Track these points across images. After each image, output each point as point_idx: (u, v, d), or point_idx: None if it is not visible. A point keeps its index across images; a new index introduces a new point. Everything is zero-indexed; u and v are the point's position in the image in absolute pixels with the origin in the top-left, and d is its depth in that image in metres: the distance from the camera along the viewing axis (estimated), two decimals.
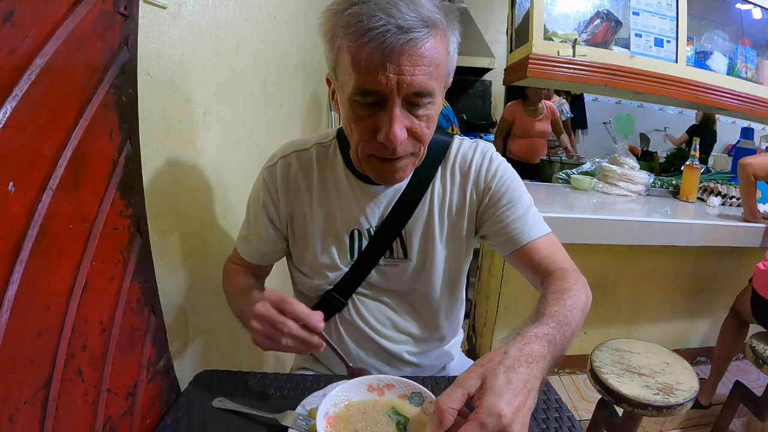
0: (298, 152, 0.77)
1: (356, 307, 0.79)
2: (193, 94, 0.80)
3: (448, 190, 0.75)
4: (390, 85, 0.56)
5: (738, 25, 2.12)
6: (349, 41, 0.56)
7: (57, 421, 0.47)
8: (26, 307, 0.42)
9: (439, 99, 0.64)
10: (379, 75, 0.55)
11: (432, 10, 0.56)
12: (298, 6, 1.49)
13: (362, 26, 0.54)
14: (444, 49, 0.59)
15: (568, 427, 0.63)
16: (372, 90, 0.57)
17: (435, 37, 0.57)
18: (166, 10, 0.70)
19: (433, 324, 0.82)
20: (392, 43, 0.53)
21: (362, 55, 0.55)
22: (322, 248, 0.76)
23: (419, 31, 0.54)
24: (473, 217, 0.76)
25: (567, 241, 1.51)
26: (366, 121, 0.61)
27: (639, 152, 3.24)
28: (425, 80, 0.57)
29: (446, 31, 0.59)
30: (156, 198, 0.69)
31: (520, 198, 0.75)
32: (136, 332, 0.63)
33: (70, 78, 0.48)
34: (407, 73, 0.56)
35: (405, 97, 0.58)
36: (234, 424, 0.60)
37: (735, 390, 1.55)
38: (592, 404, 1.34)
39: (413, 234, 0.75)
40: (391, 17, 0.53)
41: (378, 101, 0.59)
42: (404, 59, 0.55)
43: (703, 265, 1.97)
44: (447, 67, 0.62)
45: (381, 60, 0.54)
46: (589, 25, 1.89)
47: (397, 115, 0.58)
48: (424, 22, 0.55)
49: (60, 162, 0.46)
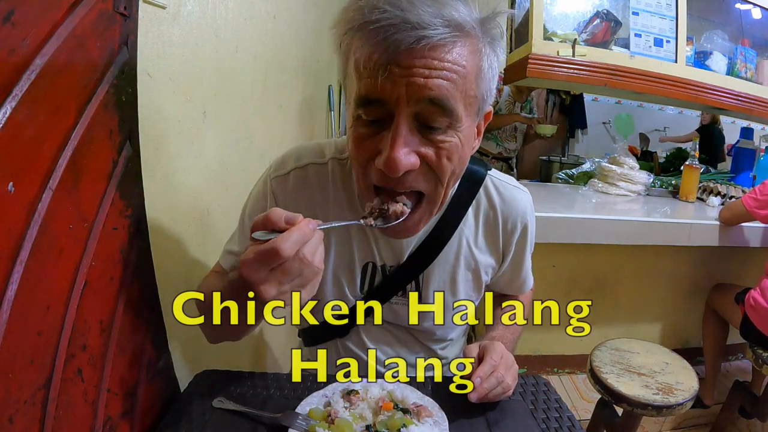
0: (315, 165, 0.67)
1: (359, 336, 0.76)
2: (193, 94, 0.80)
3: (480, 236, 0.70)
4: (396, 91, 0.46)
5: (738, 25, 2.12)
6: (351, 39, 0.48)
7: (57, 421, 0.46)
8: (26, 307, 0.42)
9: (468, 126, 0.51)
10: (381, 78, 0.45)
11: (463, 11, 0.46)
12: (298, 6, 1.49)
13: (362, 20, 0.45)
14: (475, 63, 0.48)
15: (568, 427, 0.63)
16: (374, 98, 0.47)
17: (462, 45, 0.46)
18: (166, 10, 0.69)
19: (443, 355, 0.81)
20: (397, 39, 0.44)
21: (363, 54, 0.46)
22: (332, 279, 0.70)
23: (437, 29, 0.44)
24: (496, 269, 0.75)
25: (567, 241, 1.54)
26: (366, 140, 0.50)
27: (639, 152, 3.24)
28: (444, 86, 0.46)
29: (479, 42, 0.48)
30: (156, 198, 0.69)
31: (527, 259, 0.77)
32: (136, 332, 0.63)
33: (70, 78, 0.48)
34: (419, 75, 0.45)
35: (417, 112, 0.47)
36: (234, 424, 0.60)
37: (735, 390, 1.55)
38: (592, 404, 1.34)
39: (431, 280, 0.70)
40: (397, 9, 0.44)
41: (384, 117, 0.48)
42: (415, 60, 0.45)
43: (703, 265, 1.97)
44: (479, 87, 0.49)
45: (384, 59, 0.45)
46: (589, 25, 1.89)
47: (403, 134, 0.47)
48: (446, 21, 0.45)
49: (60, 162, 0.46)
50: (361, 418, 0.59)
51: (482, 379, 0.60)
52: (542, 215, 1.42)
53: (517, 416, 0.65)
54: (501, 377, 0.61)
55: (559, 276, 1.86)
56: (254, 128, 1.15)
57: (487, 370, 0.61)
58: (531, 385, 0.73)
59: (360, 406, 0.61)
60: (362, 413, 0.60)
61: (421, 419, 0.58)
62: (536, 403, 0.68)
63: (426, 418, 0.59)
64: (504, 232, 0.71)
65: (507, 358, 0.64)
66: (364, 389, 0.64)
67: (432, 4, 0.45)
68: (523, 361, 1.93)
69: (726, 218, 1.61)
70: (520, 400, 0.68)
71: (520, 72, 1.87)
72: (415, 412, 0.60)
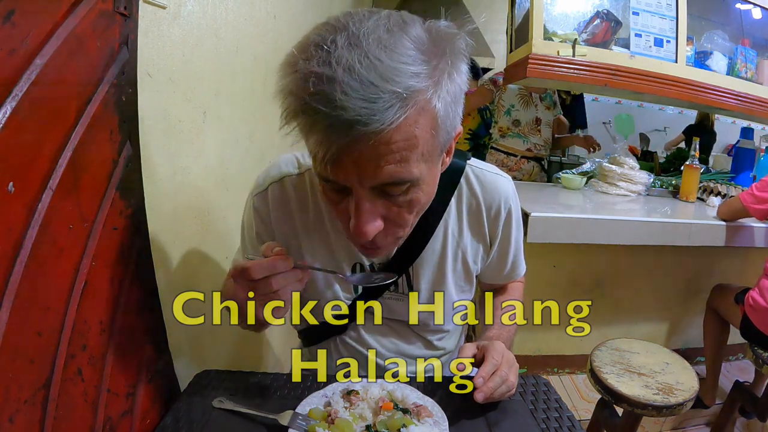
0: (291, 176, 0.69)
1: (358, 332, 0.77)
2: (193, 94, 0.80)
3: (464, 226, 0.71)
4: (349, 178, 0.45)
5: (738, 25, 2.12)
6: (294, 118, 0.44)
7: (57, 421, 0.47)
8: (26, 307, 0.43)
9: (431, 173, 0.50)
10: (331, 168, 0.45)
11: (407, 70, 0.41)
12: (298, 6, 1.49)
13: (301, 108, 0.42)
14: (429, 119, 0.44)
15: (568, 427, 0.63)
16: (331, 179, 0.47)
17: (412, 112, 0.42)
18: (166, 10, 0.69)
19: (440, 346, 0.81)
20: (339, 136, 0.41)
21: (309, 141, 0.45)
22: (325, 283, 0.72)
23: (378, 116, 0.40)
24: (484, 258, 0.75)
25: (567, 241, 1.54)
26: (337, 205, 0.51)
27: (639, 152, 3.24)
28: (397, 170, 0.44)
29: (434, 89, 0.43)
30: (156, 198, 0.69)
31: (515, 244, 0.77)
32: (136, 332, 0.63)
33: (70, 78, 0.48)
34: (369, 164, 0.43)
35: (374, 186, 0.47)
36: (234, 424, 0.60)
37: (735, 390, 1.55)
38: (592, 404, 1.34)
39: (421, 272, 0.72)
40: (331, 107, 0.40)
41: (346, 187, 0.48)
42: (363, 150, 0.42)
43: (703, 265, 1.97)
44: (437, 137, 0.47)
45: (331, 154, 0.43)
46: (589, 25, 1.89)
47: (365, 209, 0.47)
48: (387, 103, 0.40)
49: (60, 162, 0.47)
50: (361, 418, 0.59)
51: (485, 379, 0.60)
52: (542, 215, 1.42)
53: (517, 416, 0.65)
54: (505, 375, 0.61)
55: (559, 276, 1.86)
56: (254, 128, 1.15)
57: (489, 369, 0.61)
58: (531, 385, 0.73)
59: (360, 406, 0.61)
60: (362, 413, 0.60)
61: (421, 419, 0.58)
62: (536, 403, 0.68)
63: (426, 418, 0.59)
64: (488, 218, 0.72)
65: (508, 356, 0.64)
66: (364, 389, 0.64)
67: (370, 84, 0.40)
68: (523, 361, 1.93)
69: (723, 213, 1.61)
70: (520, 400, 0.68)
71: (520, 72, 1.87)
72: (415, 412, 0.60)
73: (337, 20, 0.44)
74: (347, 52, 0.40)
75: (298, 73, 0.42)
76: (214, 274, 0.89)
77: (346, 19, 0.43)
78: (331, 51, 0.41)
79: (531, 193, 1.89)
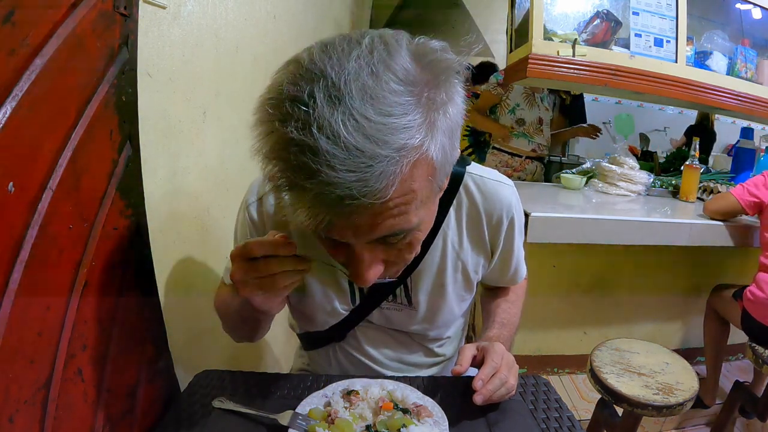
0: None
1: (357, 340, 0.77)
2: (193, 94, 0.80)
3: (464, 235, 0.69)
4: (345, 236, 0.43)
5: (738, 25, 2.12)
6: (280, 183, 0.42)
7: (57, 421, 0.47)
8: (26, 307, 0.43)
9: (430, 213, 0.48)
10: (324, 232, 0.43)
11: (398, 125, 0.37)
12: (298, 6, 1.49)
13: (282, 188, 0.40)
14: (426, 170, 0.41)
15: (568, 427, 0.63)
16: (328, 236, 0.44)
17: (407, 168, 0.38)
18: (166, 10, 0.70)
19: (440, 352, 0.81)
20: (328, 213, 0.39)
21: (297, 214, 0.41)
22: (322, 294, 0.71)
23: (370, 187, 0.37)
24: (485, 266, 0.74)
25: (567, 241, 1.54)
26: (332, 249, 0.49)
27: (639, 152, 3.24)
28: (395, 223, 0.42)
29: (429, 137, 0.39)
30: (156, 198, 0.69)
31: (517, 250, 0.76)
32: (136, 332, 0.63)
33: (70, 78, 0.48)
34: (365, 228, 0.41)
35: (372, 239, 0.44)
36: (234, 424, 0.60)
37: (735, 390, 1.55)
38: (592, 404, 1.34)
39: (420, 283, 0.70)
40: (315, 183, 0.37)
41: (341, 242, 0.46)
42: (355, 217, 0.40)
43: (703, 265, 1.97)
44: (435, 180, 0.43)
45: (324, 226, 0.40)
46: (589, 25, 1.89)
47: (365, 259, 0.46)
48: (380, 168, 0.36)
49: (60, 162, 0.47)
50: (361, 418, 0.59)
51: (484, 381, 0.60)
52: (542, 215, 1.42)
53: (517, 416, 0.64)
54: (504, 378, 0.61)
55: (559, 276, 1.85)
56: None
57: (488, 372, 0.61)
58: (531, 385, 0.73)
59: (360, 406, 0.61)
60: (362, 413, 0.60)
61: (421, 419, 0.58)
62: (536, 403, 0.68)
63: (426, 418, 0.59)
64: (489, 228, 0.69)
65: (508, 358, 0.64)
66: (364, 389, 0.64)
67: (358, 152, 0.35)
68: (523, 361, 1.93)
69: (712, 211, 1.63)
70: (520, 400, 0.68)
71: (520, 72, 1.87)
72: (415, 412, 0.60)
73: (313, 62, 0.38)
74: (328, 112, 0.36)
75: (275, 136, 0.39)
76: (214, 274, 0.89)
77: (323, 62, 0.38)
78: (310, 111, 0.36)
79: (531, 193, 1.90)
